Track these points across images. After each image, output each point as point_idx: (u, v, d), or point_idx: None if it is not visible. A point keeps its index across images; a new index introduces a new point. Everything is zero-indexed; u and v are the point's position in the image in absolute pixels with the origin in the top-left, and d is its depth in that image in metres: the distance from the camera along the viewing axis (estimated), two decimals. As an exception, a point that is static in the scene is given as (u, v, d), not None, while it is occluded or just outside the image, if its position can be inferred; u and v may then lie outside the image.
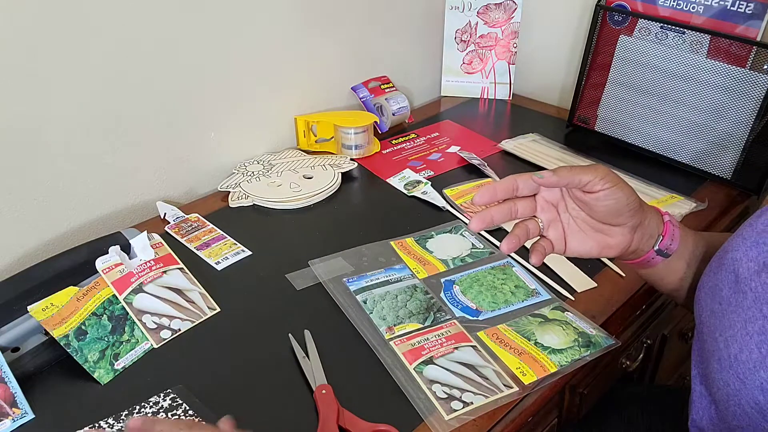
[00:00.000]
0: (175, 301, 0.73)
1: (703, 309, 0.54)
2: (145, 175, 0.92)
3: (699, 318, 0.54)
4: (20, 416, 0.60)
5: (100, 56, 0.81)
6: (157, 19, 0.84)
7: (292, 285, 0.77)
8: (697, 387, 0.56)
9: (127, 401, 0.62)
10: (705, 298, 0.54)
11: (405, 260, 0.80)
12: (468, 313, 0.72)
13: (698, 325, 0.55)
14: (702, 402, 0.55)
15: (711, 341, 0.51)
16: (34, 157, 0.79)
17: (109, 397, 0.63)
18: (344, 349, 0.68)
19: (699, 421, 0.55)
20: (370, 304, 0.72)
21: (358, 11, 1.10)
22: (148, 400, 0.61)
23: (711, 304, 0.52)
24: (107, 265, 0.71)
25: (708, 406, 0.54)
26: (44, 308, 0.65)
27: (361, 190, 0.99)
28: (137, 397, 0.62)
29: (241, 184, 0.95)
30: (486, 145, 1.10)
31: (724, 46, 0.91)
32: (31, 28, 0.74)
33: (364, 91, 1.14)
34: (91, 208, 0.88)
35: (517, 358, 0.65)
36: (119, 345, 0.67)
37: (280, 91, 1.05)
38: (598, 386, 0.78)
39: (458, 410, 0.59)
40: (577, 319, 0.70)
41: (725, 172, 0.96)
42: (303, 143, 1.09)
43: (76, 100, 0.81)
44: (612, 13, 1.03)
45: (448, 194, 0.94)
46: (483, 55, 1.26)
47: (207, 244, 0.84)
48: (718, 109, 0.94)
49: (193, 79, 0.92)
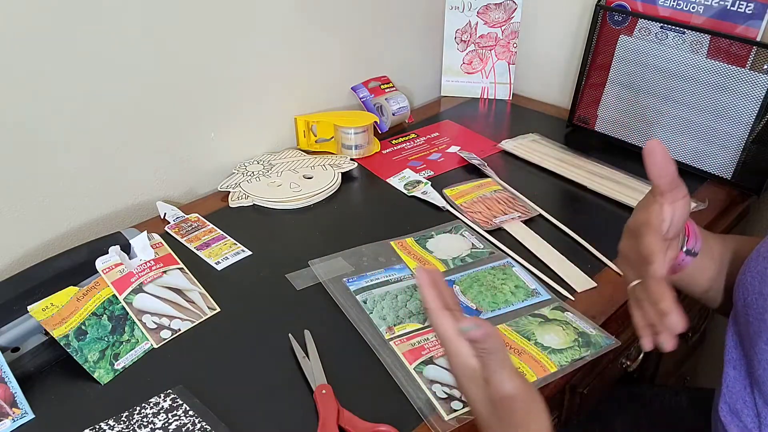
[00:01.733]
0: (175, 301, 0.73)
1: (749, 292, 0.54)
2: (145, 175, 0.92)
3: (743, 301, 0.54)
4: (20, 416, 0.60)
5: (100, 56, 0.81)
6: (157, 19, 0.84)
7: (292, 285, 0.77)
8: (731, 372, 0.56)
9: (127, 401, 0.62)
10: (752, 282, 0.54)
11: (405, 260, 0.80)
12: (468, 313, 0.71)
13: (741, 308, 0.55)
14: (736, 386, 0.56)
15: (758, 323, 0.51)
16: (34, 157, 0.79)
17: (109, 397, 0.63)
18: (344, 349, 0.68)
19: (733, 404, 0.56)
20: (370, 304, 0.72)
21: (358, 11, 1.10)
22: (148, 401, 0.61)
23: (760, 287, 0.52)
24: (107, 265, 0.71)
25: (742, 390, 0.55)
26: (44, 308, 0.65)
27: (361, 190, 0.99)
28: (137, 397, 0.62)
29: (241, 184, 0.95)
30: (486, 145, 1.10)
31: (724, 46, 0.91)
32: (32, 28, 0.74)
33: (364, 91, 1.14)
34: (91, 208, 0.88)
35: (517, 358, 0.65)
36: (119, 345, 0.67)
37: (280, 91, 1.05)
38: (598, 386, 0.78)
39: (458, 410, 0.59)
40: (577, 319, 0.70)
41: (725, 172, 0.96)
42: (303, 143, 1.09)
43: (77, 100, 0.81)
44: (612, 13, 1.03)
45: (448, 194, 0.94)
46: (483, 55, 1.26)
47: (207, 244, 0.84)
48: (718, 109, 0.94)
49: (193, 79, 0.92)
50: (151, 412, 0.59)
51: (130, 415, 0.59)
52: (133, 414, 0.59)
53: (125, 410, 0.60)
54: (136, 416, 0.59)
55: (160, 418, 0.59)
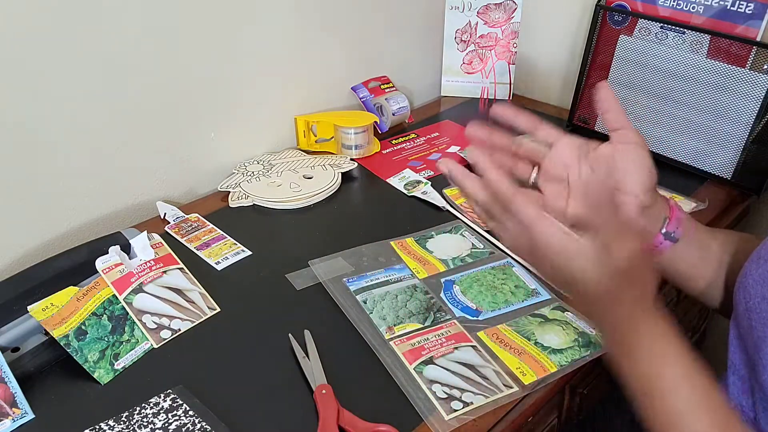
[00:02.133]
0: (175, 301, 0.73)
1: (751, 296, 0.54)
2: (145, 175, 0.92)
3: (744, 305, 0.54)
4: (20, 416, 0.60)
5: (100, 56, 0.81)
6: (157, 19, 0.84)
7: (292, 285, 0.77)
8: (731, 376, 0.57)
9: (127, 401, 0.62)
10: (754, 285, 0.54)
11: (405, 260, 0.80)
12: (468, 313, 0.72)
13: (743, 312, 0.55)
14: (734, 391, 0.56)
15: (762, 327, 0.51)
16: (34, 157, 0.79)
17: (109, 397, 0.63)
18: (344, 349, 0.68)
19: None
20: (370, 304, 0.72)
21: (358, 11, 1.10)
22: (148, 401, 0.61)
23: (762, 291, 0.52)
24: (107, 265, 0.71)
25: (740, 394, 0.56)
26: (44, 308, 0.65)
27: (361, 190, 0.99)
28: (137, 397, 0.62)
29: (241, 184, 0.95)
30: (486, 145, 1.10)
31: (724, 46, 0.91)
32: (32, 28, 0.74)
33: (364, 91, 1.14)
34: (91, 208, 0.88)
35: (517, 358, 0.65)
36: (119, 345, 0.67)
37: (280, 91, 1.05)
38: (598, 386, 0.78)
39: (458, 410, 0.59)
40: (577, 319, 0.70)
41: (725, 172, 0.96)
42: (303, 143, 1.09)
43: (76, 100, 0.81)
44: (612, 13, 1.03)
45: (448, 194, 0.94)
46: (483, 55, 1.26)
47: (207, 244, 0.84)
48: (718, 109, 0.94)
49: (193, 79, 0.92)
50: (151, 412, 0.59)
51: (130, 416, 0.59)
52: (133, 414, 0.59)
53: (125, 410, 0.60)
54: (136, 416, 0.59)
55: (160, 418, 0.59)
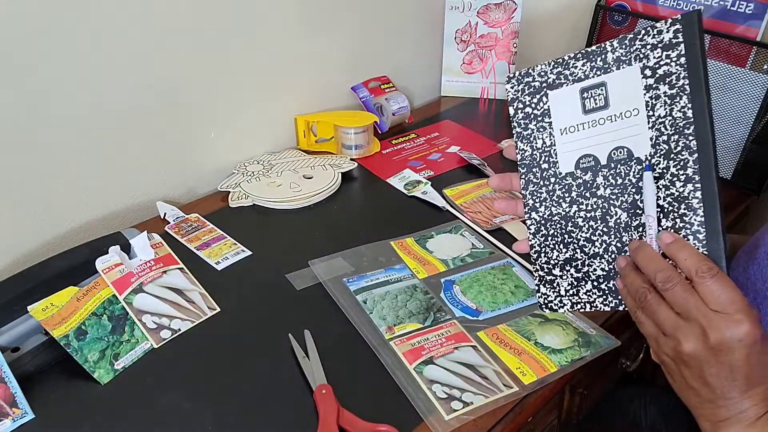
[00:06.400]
0: (175, 301, 0.73)
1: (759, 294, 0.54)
2: (145, 175, 0.92)
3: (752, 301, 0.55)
4: (20, 416, 0.60)
5: (100, 56, 0.80)
6: (157, 19, 0.84)
7: (292, 285, 0.77)
8: None
9: (127, 401, 0.62)
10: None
11: (405, 260, 0.80)
12: (468, 313, 0.72)
13: None
14: None
15: None
16: (34, 157, 0.79)
17: (109, 397, 0.63)
18: (344, 349, 0.68)
19: None
20: (370, 304, 0.72)
21: (358, 11, 1.10)
22: (654, 25, 0.53)
23: None
24: (107, 265, 0.71)
25: None
26: (44, 308, 0.65)
27: (361, 190, 0.99)
28: (137, 397, 0.62)
29: (241, 184, 0.95)
30: (486, 145, 1.10)
31: (724, 46, 0.91)
32: (32, 28, 0.74)
33: (364, 91, 1.14)
34: (91, 208, 0.88)
35: (517, 358, 0.65)
36: (119, 345, 0.67)
37: (280, 91, 1.05)
38: (598, 386, 0.78)
39: (458, 410, 0.59)
40: (577, 319, 0.70)
41: (725, 172, 0.96)
42: (303, 143, 1.09)
43: (77, 101, 0.81)
44: (612, 13, 1.03)
45: (448, 194, 0.94)
46: (483, 55, 1.26)
47: (207, 244, 0.84)
48: (718, 109, 0.94)
49: (193, 79, 0.92)
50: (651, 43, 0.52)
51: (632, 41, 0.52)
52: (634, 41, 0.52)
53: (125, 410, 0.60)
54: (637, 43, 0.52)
55: (655, 54, 0.52)
